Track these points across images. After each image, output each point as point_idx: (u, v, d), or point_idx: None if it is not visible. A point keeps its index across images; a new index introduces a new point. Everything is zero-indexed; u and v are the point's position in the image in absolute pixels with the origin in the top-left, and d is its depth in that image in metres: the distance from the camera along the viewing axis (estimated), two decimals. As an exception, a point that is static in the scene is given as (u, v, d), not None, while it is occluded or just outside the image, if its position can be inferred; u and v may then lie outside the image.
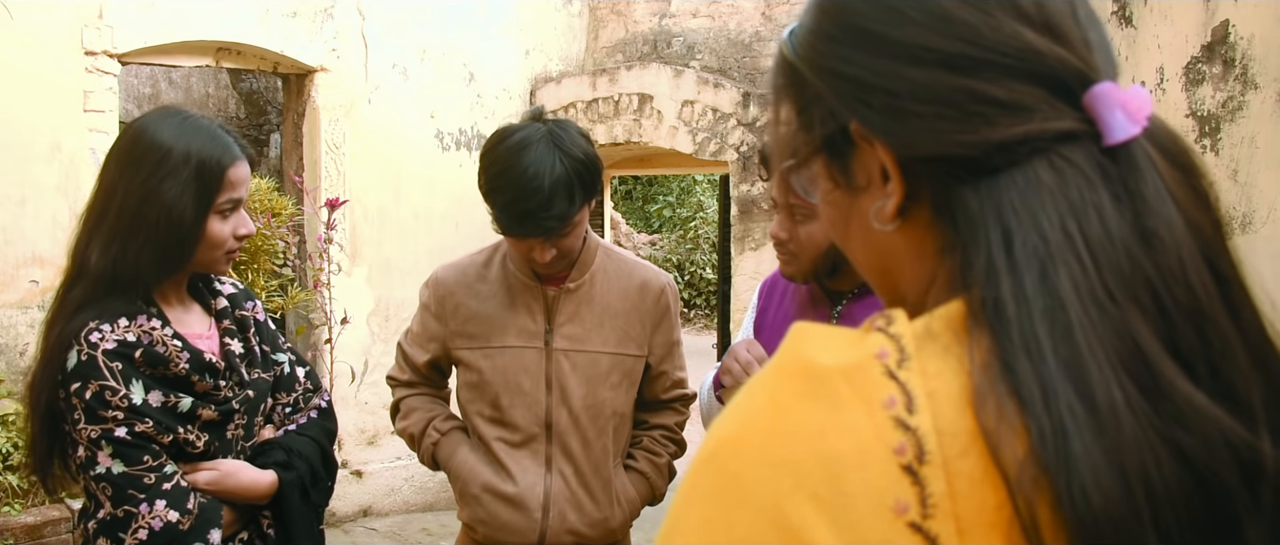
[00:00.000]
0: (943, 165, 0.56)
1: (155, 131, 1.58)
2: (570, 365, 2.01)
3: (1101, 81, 0.54)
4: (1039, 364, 0.49)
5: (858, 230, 0.63)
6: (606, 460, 2.05)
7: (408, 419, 2.14)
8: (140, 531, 1.54)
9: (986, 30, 0.54)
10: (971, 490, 0.48)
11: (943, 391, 0.51)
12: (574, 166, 1.84)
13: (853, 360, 0.52)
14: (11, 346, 4.36)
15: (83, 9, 4.48)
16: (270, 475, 1.70)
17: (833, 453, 0.49)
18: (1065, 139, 0.54)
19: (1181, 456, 0.48)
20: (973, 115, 0.54)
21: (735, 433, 0.53)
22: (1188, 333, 0.51)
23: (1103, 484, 0.47)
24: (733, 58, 6.14)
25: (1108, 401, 0.48)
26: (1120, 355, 0.49)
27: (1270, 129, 2.73)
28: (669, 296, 2.12)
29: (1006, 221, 0.53)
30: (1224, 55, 2.89)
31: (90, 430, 1.52)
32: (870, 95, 0.57)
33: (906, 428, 0.49)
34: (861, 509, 0.48)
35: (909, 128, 0.56)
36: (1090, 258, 0.51)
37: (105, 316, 1.55)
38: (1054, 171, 0.53)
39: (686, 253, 16.46)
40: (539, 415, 2.01)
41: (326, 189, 5.19)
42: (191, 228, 1.58)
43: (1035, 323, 0.50)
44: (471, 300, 2.05)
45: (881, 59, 0.57)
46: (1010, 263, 0.52)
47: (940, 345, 0.53)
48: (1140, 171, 0.53)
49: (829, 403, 0.51)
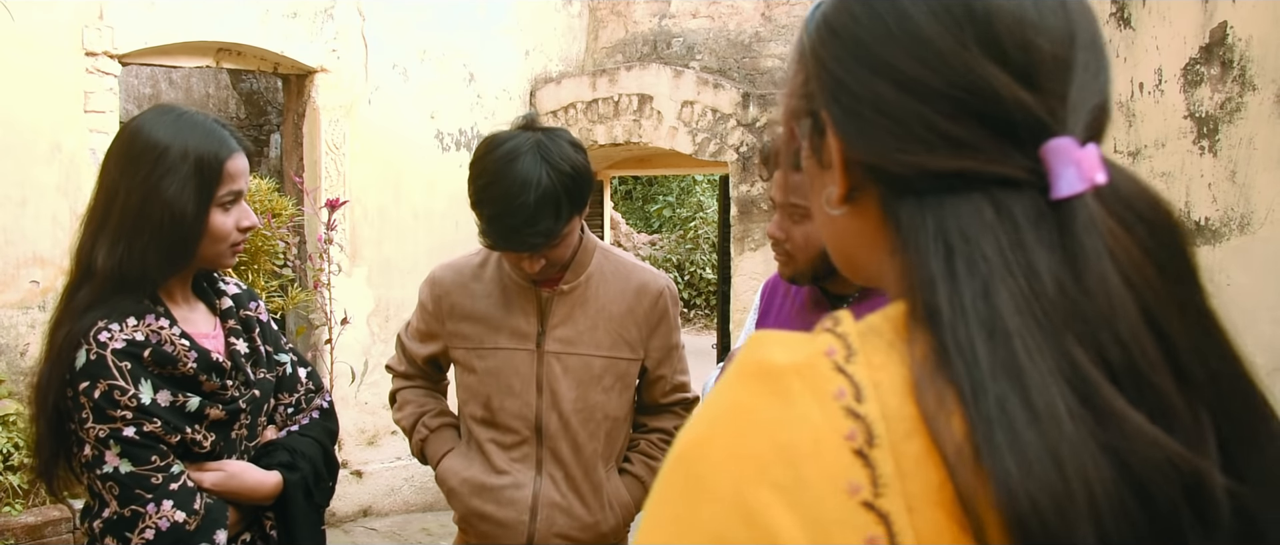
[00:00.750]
0: (881, 175, 0.59)
1: (151, 130, 1.59)
2: (561, 368, 1.99)
3: (1062, 136, 0.56)
4: (972, 365, 0.52)
5: (819, 204, 0.67)
6: (598, 464, 2.03)
7: (401, 411, 2.17)
8: (147, 531, 1.54)
9: (956, 64, 0.56)
10: (917, 470, 0.51)
11: (887, 382, 0.54)
12: (561, 180, 1.81)
13: (804, 358, 0.56)
14: (12, 347, 4.36)
15: (83, 9, 4.48)
16: (275, 476, 1.71)
17: (789, 443, 0.53)
18: (1007, 183, 0.56)
19: (1121, 465, 0.50)
20: (916, 139, 0.57)
21: (700, 435, 0.56)
22: (1125, 379, 0.53)
23: (1036, 472, 0.49)
24: (732, 58, 6.14)
25: (1046, 402, 0.50)
26: (1059, 369, 0.51)
27: (1268, 130, 2.74)
28: (667, 299, 2.09)
29: (949, 240, 0.55)
30: (1222, 57, 2.90)
31: (98, 429, 1.53)
32: (840, 92, 0.61)
33: (856, 416, 0.53)
34: (818, 491, 0.51)
35: (859, 132, 0.60)
36: (1030, 285, 0.53)
37: (114, 316, 1.56)
38: (994, 207, 0.55)
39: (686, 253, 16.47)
40: (529, 418, 2.00)
41: (326, 189, 5.19)
42: (194, 222, 1.59)
43: (971, 328, 0.53)
44: (466, 301, 2.04)
45: (858, 65, 0.60)
46: (950, 273, 0.55)
47: (884, 341, 0.56)
48: (1079, 226, 0.55)
49: (784, 398, 0.54)
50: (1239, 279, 2.84)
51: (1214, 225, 2.91)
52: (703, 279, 16.14)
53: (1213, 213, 2.91)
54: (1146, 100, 3.15)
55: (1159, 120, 3.10)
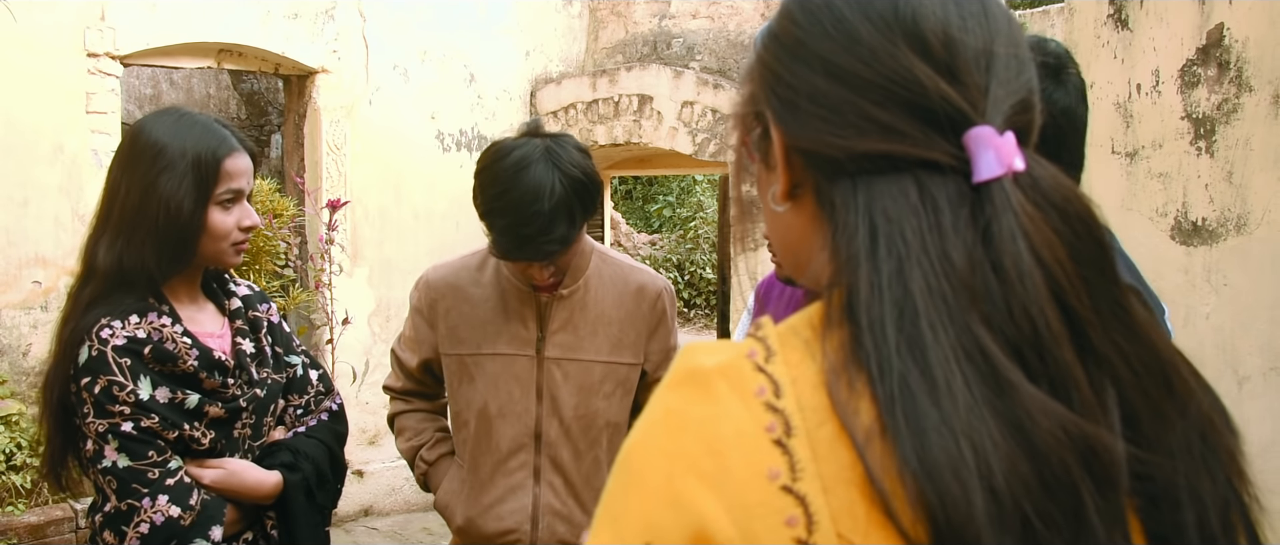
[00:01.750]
0: (816, 161, 0.64)
1: (152, 130, 1.62)
2: (562, 375, 1.95)
3: (982, 125, 0.60)
4: (882, 342, 0.57)
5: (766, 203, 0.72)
6: (598, 472, 1.99)
7: (400, 439, 2.13)
8: (142, 525, 1.56)
9: (885, 58, 0.62)
10: (830, 453, 0.56)
11: (803, 377, 0.59)
12: (574, 186, 1.78)
13: (728, 360, 0.61)
14: (14, 347, 4.37)
15: (85, 11, 4.50)
16: (275, 476, 1.72)
17: (715, 436, 0.58)
18: (932, 168, 0.61)
19: (1017, 432, 0.54)
20: (848, 125, 0.62)
21: (637, 439, 0.61)
22: (1027, 354, 0.57)
23: (934, 440, 0.53)
24: (732, 59, 6.15)
25: (945, 377, 0.55)
26: (961, 346, 0.56)
27: (1265, 131, 2.75)
28: (666, 301, 2.06)
29: (874, 218, 0.60)
30: (1219, 58, 2.91)
31: (98, 424, 1.55)
32: (780, 88, 0.66)
33: (775, 409, 0.58)
34: (741, 478, 0.56)
35: (797, 121, 0.65)
36: (941, 267, 0.58)
37: (117, 313, 1.58)
38: (919, 190, 0.60)
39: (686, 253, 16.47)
40: (529, 425, 1.95)
41: (327, 190, 5.21)
42: (191, 220, 1.61)
43: (884, 309, 0.57)
44: (463, 304, 1.99)
45: (797, 62, 0.65)
46: (872, 253, 0.59)
47: (801, 340, 0.62)
48: (997, 209, 0.59)
49: (710, 397, 0.59)
50: (1236, 279, 2.85)
51: (1211, 225, 2.92)
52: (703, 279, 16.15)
53: (1210, 213, 2.93)
54: (1144, 101, 3.16)
55: (1156, 121, 3.11)
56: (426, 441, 2.09)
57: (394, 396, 2.16)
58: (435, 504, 2.06)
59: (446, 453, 2.08)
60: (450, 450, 2.09)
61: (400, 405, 2.15)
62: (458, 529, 2.03)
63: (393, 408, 2.17)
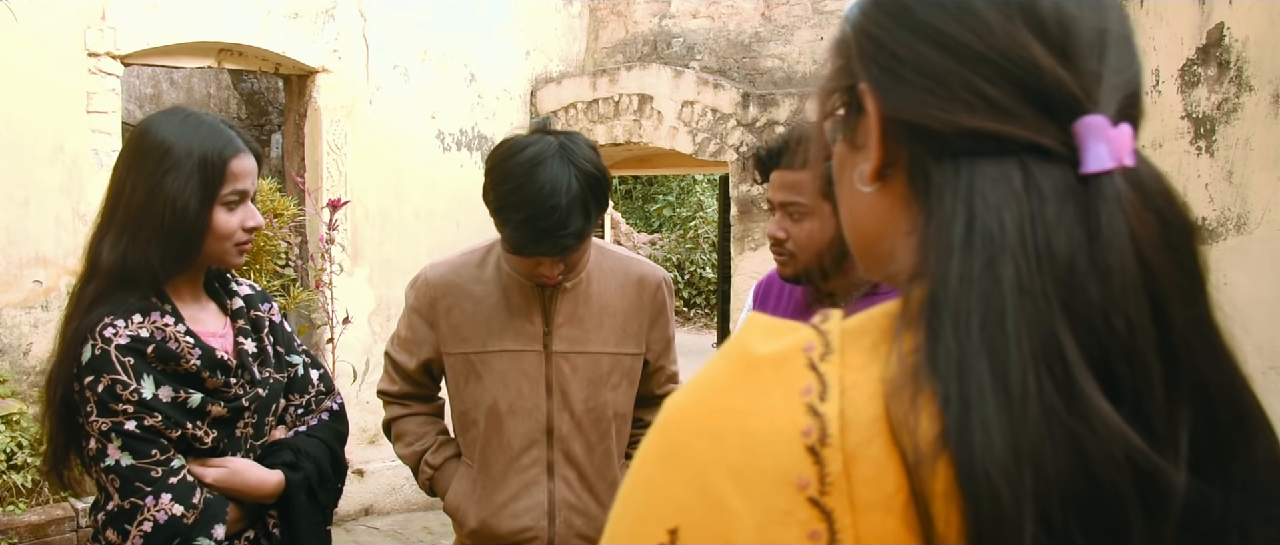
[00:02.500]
0: (918, 134, 0.60)
1: (159, 130, 1.63)
2: (571, 368, 1.95)
3: (1095, 113, 0.57)
4: (965, 339, 0.53)
5: (847, 185, 0.69)
6: (610, 462, 2.00)
7: (399, 444, 2.10)
8: (145, 524, 1.57)
9: (1001, 33, 0.58)
10: (874, 475, 0.53)
11: (860, 383, 0.56)
12: (588, 182, 1.80)
13: (782, 350, 0.58)
14: (15, 347, 4.38)
15: (85, 10, 4.50)
16: (277, 475, 1.72)
17: (751, 431, 0.55)
18: (1040, 153, 0.57)
19: (1080, 454, 0.51)
20: (957, 99, 0.58)
21: (682, 403, 0.60)
22: (1116, 361, 0.54)
23: (997, 458, 0.50)
24: (732, 58, 6.16)
25: (1021, 388, 0.52)
26: (1042, 351, 0.53)
27: (1265, 131, 2.75)
28: (665, 291, 2.07)
29: (974, 201, 0.57)
30: (1219, 57, 2.91)
31: (101, 423, 1.56)
32: (882, 56, 0.62)
33: (815, 413, 0.55)
34: (769, 482, 0.54)
35: (901, 92, 0.61)
36: (1036, 260, 0.54)
37: (120, 312, 1.59)
38: (1023, 176, 0.56)
39: (686, 252, 16.48)
40: (540, 421, 1.95)
41: (328, 189, 5.21)
42: (196, 220, 1.61)
43: (971, 300, 0.54)
44: (465, 302, 1.98)
45: (904, 30, 0.61)
46: (967, 241, 0.56)
47: (869, 341, 0.58)
48: (1106, 203, 0.55)
49: (756, 387, 0.57)
50: (1235, 279, 2.86)
51: (1211, 225, 2.92)
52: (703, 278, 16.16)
53: (1209, 213, 2.93)
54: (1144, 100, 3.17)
55: (1156, 120, 3.12)
56: (430, 446, 2.07)
57: (389, 401, 2.12)
58: (445, 508, 2.04)
59: (452, 456, 2.06)
60: (455, 453, 2.07)
61: (397, 409, 2.11)
62: (471, 532, 2.00)
63: (389, 412, 2.13)
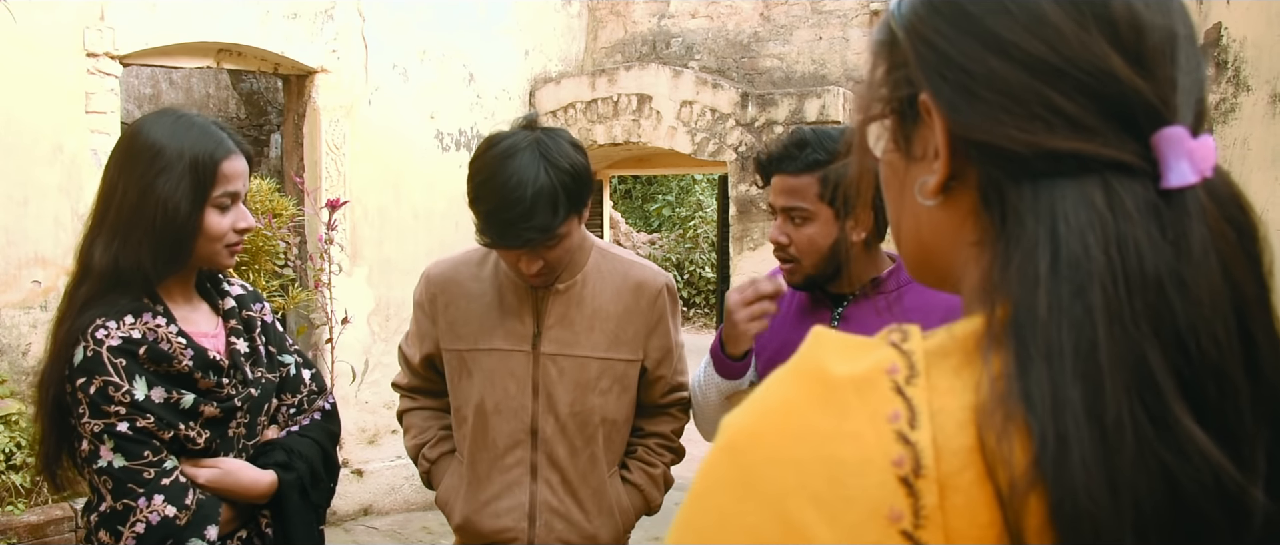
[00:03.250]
0: (993, 155, 0.57)
1: (150, 132, 1.63)
2: (557, 371, 1.94)
3: (1174, 125, 0.55)
4: (1057, 372, 0.51)
5: (907, 199, 0.65)
6: (595, 468, 1.98)
7: (406, 437, 2.14)
8: (138, 525, 1.57)
9: (1075, 43, 0.55)
10: (965, 505, 0.51)
11: (949, 409, 0.53)
12: (559, 177, 1.78)
13: (863, 372, 0.55)
14: (14, 346, 4.38)
15: (84, 11, 4.50)
16: (270, 475, 1.72)
17: (836, 458, 0.52)
18: (1120, 169, 0.55)
19: (1172, 483, 0.50)
20: (1035, 117, 0.55)
21: (752, 427, 0.56)
22: (1204, 382, 0.52)
23: (1094, 491, 0.49)
24: (731, 58, 6.16)
25: (1115, 420, 0.50)
26: (1135, 381, 0.51)
27: (1262, 131, 2.75)
28: (666, 298, 2.04)
29: (1057, 227, 0.54)
30: (1217, 57, 2.92)
31: (93, 424, 1.56)
32: (949, 70, 0.59)
33: (907, 442, 0.52)
34: (858, 513, 0.51)
35: (973, 109, 0.58)
36: (1125, 284, 0.52)
37: (111, 314, 1.59)
38: (1106, 195, 0.54)
39: (686, 252, 16.49)
40: (525, 422, 1.95)
41: (327, 189, 5.21)
42: (188, 221, 1.61)
43: (1062, 332, 0.51)
44: (462, 299, 2.00)
45: (971, 41, 0.58)
46: (1053, 269, 0.53)
47: (952, 364, 0.55)
48: (1190, 219, 0.53)
49: (838, 411, 0.54)
50: (1233, 278, 2.86)
51: (1209, 225, 2.93)
52: (702, 278, 16.16)
53: (1207, 212, 2.94)
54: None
55: (1154, 120, 3.12)
56: (429, 440, 2.09)
57: (402, 393, 2.17)
58: (436, 501, 2.07)
59: (448, 451, 2.09)
60: (452, 448, 2.09)
61: (407, 403, 2.16)
62: (456, 527, 2.03)
63: (401, 405, 2.18)
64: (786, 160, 1.80)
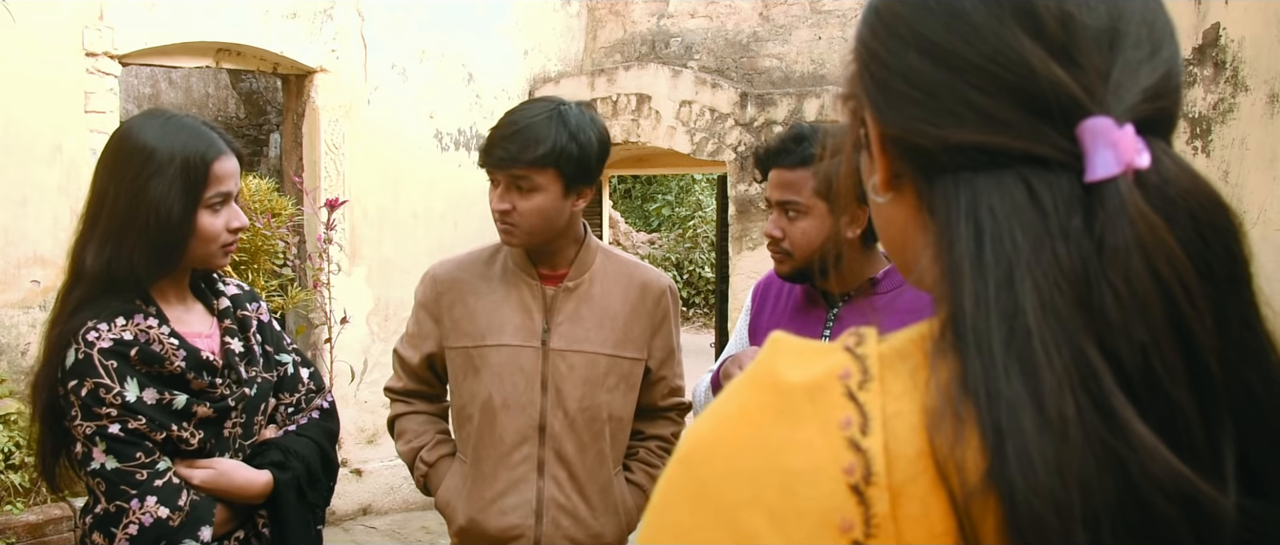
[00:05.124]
0: (908, 151, 0.58)
1: (140, 134, 1.62)
2: (567, 366, 1.95)
3: (1099, 115, 0.53)
4: (989, 363, 0.50)
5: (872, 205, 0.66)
6: (602, 465, 1.99)
7: (400, 442, 2.12)
8: (130, 527, 1.57)
9: (990, 37, 0.54)
10: (919, 512, 0.50)
11: (903, 413, 0.52)
12: (561, 131, 1.85)
13: (816, 378, 0.54)
14: (13, 346, 4.38)
15: (83, 10, 4.50)
16: (265, 475, 1.72)
17: (788, 468, 0.51)
18: (1040, 163, 0.53)
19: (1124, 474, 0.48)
20: (946, 112, 0.55)
21: (707, 438, 0.55)
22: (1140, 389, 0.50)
23: (1040, 480, 0.47)
24: (730, 58, 6.16)
25: (1058, 409, 0.49)
26: (1076, 370, 0.49)
27: (1260, 131, 2.76)
28: (669, 300, 2.06)
29: (980, 220, 0.53)
30: (1215, 58, 2.92)
31: (86, 427, 1.56)
32: (874, 66, 0.59)
33: (858, 449, 0.51)
34: (809, 524, 0.50)
35: (889, 106, 0.58)
36: (1054, 278, 0.51)
37: (103, 316, 1.58)
38: (1027, 189, 0.53)
39: (685, 252, 16.49)
40: (533, 418, 1.95)
41: (326, 189, 5.21)
42: (181, 223, 1.61)
43: (992, 323, 0.51)
44: (470, 297, 2.00)
45: (893, 39, 0.58)
46: (977, 263, 0.52)
47: (909, 366, 0.54)
48: (1111, 215, 0.51)
49: (791, 419, 0.53)
50: (1231, 278, 2.86)
51: (1207, 225, 2.93)
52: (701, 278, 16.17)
53: (1206, 212, 2.94)
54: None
55: (1153, 120, 3.12)
56: (427, 443, 2.08)
57: (395, 398, 2.15)
58: (437, 504, 2.06)
59: (447, 454, 2.08)
60: (451, 451, 2.08)
61: (401, 407, 2.14)
62: (459, 529, 2.01)
63: (393, 410, 2.16)
64: (784, 154, 1.81)
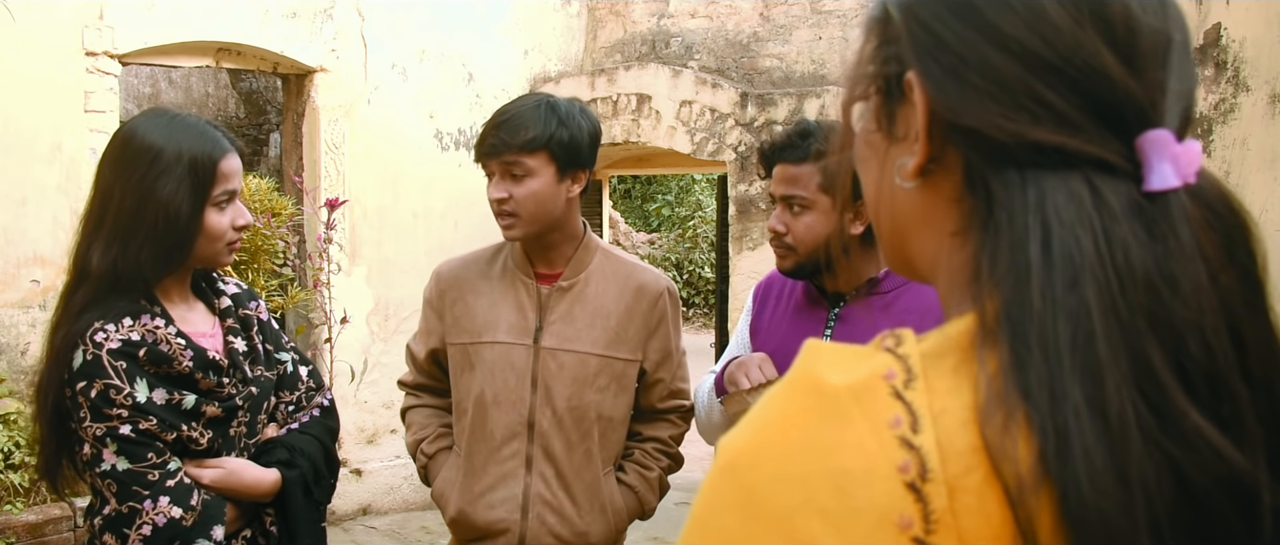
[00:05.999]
0: (977, 141, 0.57)
1: (146, 133, 1.62)
2: (557, 365, 1.98)
3: (1160, 128, 0.55)
4: (1055, 364, 0.51)
5: (885, 180, 0.65)
6: (589, 464, 2.00)
7: (408, 433, 2.18)
8: (144, 527, 1.56)
9: (1070, 40, 0.55)
10: (976, 505, 0.50)
11: (951, 409, 0.52)
12: (550, 117, 1.90)
13: (860, 380, 0.54)
14: (12, 346, 4.37)
15: (83, 10, 4.50)
16: (274, 473, 1.72)
17: (840, 469, 0.51)
18: (1103, 168, 0.55)
19: (1180, 477, 0.49)
20: (1021, 108, 0.55)
21: (750, 445, 0.55)
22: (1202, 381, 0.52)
23: (1102, 485, 0.48)
24: (730, 58, 6.16)
25: (1118, 412, 0.49)
26: (1135, 373, 0.50)
27: (1261, 131, 2.76)
28: (667, 301, 2.07)
29: (1047, 219, 0.54)
30: (1216, 58, 2.92)
31: (96, 428, 1.55)
32: (942, 53, 0.59)
33: (910, 446, 0.51)
34: (867, 523, 0.50)
35: (961, 94, 0.58)
36: (1117, 279, 0.52)
37: (110, 316, 1.58)
38: (1091, 191, 0.54)
39: (685, 252, 16.50)
40: (522, 414, 1.98)
41: (326, 189, 5.21)
42: (189, 222, 1.61)
43: (1058, 324, 0.51)
44: (470, 295, 2.05)
45: (968, 28, 0.58)
46: (1046, 261, 0.53)
47: (950, 364, 0.54)
48: (1174, 221, 0.53)
49: (838, 421, 0.53)
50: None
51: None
52: (701, 278, 16.17)
53: (1207, 213, 2.94)
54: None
55: (1154, 121, 3.12)
56: (428, 436, 2.13)
57: (407, 391, 2.22)
58: (432, 494, 2.10)
59: (445, 446, 2.12)
60: (450, 444, 2.12)
61: (411, 400, 2.20)
62: (450, 521, 2.05)
63: (405, 402, 2.23)
64: (789, 149, 1.81)
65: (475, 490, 2.01)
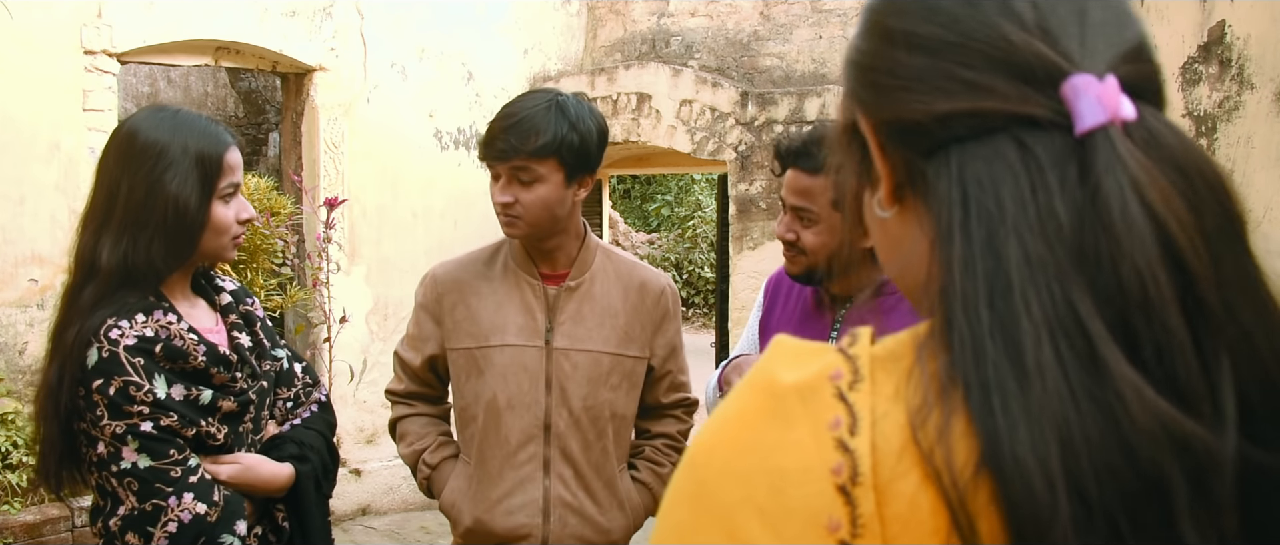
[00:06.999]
0: (899, 135, 0.59)
1: (150, 129, 1.63)
2: (571, 365, 1.96)
3: (1079, 73, 0.55)
4: (973, 321, 0.51)
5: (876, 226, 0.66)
6: (607, 462, 1.99)
7: (401, 444, 2.11)
8: (170, 524, 1.55)
9: (966, 20, 0.57)
10: (905, 512, 0.50)
11: (891, 415, 0.52)
12: (560, 120, 1.86)
13: (808, 380, 0.55)
14: (11, 345, 4.36)
15: (82, 8, 4.48)
16: (288, 468, 1.73)
17: (779, 469, 0.52)
18: (1030, 124, 0.55)
19: (1111, 423, 0.48)
20: (936, 88, 0.57)
21: (708, 441, 0.56)
22: (1137, 321, 0.51)
23: (1019, 434, 0.48)
24: (731, 57, 6.15)
25: (1035, 359, 0.49)
26: (1057, 321, 0.50)
27: (1266, 129, 2.74)
28: (669, 298, 2.08)
29: (967, 184, 0.55)
30: (1220, 55, 2.91)
31: (115, 426, 1.54)
32: (866, 75, 0.62)
33: (846, 449, 0.52)
34: (798, 524, 0.51)
35: (877, 100, 0.61)
36: (1041, 229, 0.52)
37: (123, 313, 1.57)
38: (1019, 149, 0.54)
39: (685, 252, 16.49)
40: (538, 417, 1.95)
41: (325, 188, 5.20)
42: (197, 214, 1.62)
43: (976, 286, 0.52)
44: (471, 297, 2.00)
45: (879, 43, 0.61)
46: (964, 224, 0.54)
47: (901, 368, 0.54)
48: (1104, 159, 0.53)
49: (783, 420, 0.54)
50: (1237, 277, 2.85)
51: (1212, 223, 2.92)
52: (701, 278, 16.16)
53: (1211, 211, 2.92)
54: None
55: (1157, 119, 3.11)
56: (429, 445, 2.08)
57: (396, 401, 2.14)
58: (441, 507, 2.05)
59: (449, 456, 2.07)
60: (453, 453, 2.07)
61: (403, 409, 2.13)
62: (465, 531, 2.00)
63: (395, 412, 2.15)
64: (804, 156, 1.79)
65: (491, 497, 1.96)
